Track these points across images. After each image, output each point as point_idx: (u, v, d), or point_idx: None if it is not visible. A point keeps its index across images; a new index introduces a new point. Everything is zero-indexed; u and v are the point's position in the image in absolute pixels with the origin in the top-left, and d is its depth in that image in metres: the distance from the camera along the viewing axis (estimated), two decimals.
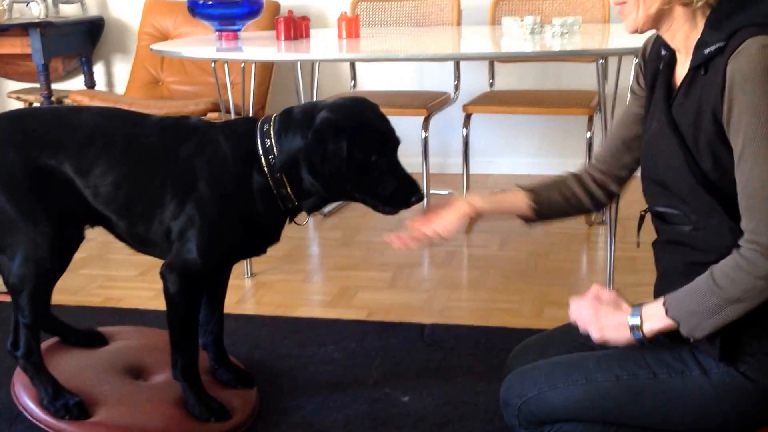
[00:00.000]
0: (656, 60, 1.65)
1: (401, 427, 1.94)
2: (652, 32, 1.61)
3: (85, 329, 2.22)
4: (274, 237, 1.91)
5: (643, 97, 1.72)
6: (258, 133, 1.79)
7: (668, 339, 1.72)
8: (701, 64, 1.48)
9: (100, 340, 2.20)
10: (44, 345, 2.10)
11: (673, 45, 1.57)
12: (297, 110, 1.80)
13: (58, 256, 1.83)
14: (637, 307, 1.59)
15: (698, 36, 1.49)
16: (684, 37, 1.52)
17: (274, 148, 1.76)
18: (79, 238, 1.93)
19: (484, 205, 1.78)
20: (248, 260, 2.98)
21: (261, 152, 1.77)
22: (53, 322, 2.17)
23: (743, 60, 1.40)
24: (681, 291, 1.52)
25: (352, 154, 1.70)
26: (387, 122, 1.81)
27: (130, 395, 1.95)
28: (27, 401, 1.92)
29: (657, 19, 1.52)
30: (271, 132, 1.78)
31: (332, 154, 1.70)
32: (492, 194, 1.82)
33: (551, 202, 1.81)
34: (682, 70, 1.56)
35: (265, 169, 1.77)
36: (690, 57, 1.51)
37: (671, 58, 1.60)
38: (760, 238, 1.42)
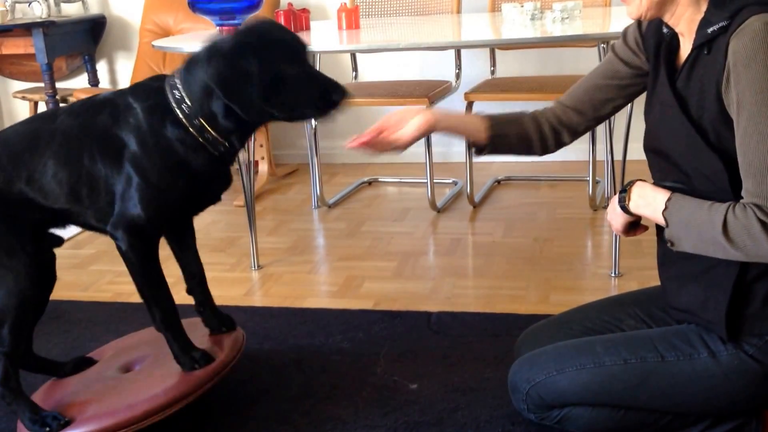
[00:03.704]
0: (656, 36, 1.65)
1: (410, 414, 1.95)
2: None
3: (71, 359, 2.17)
4: (224, 182, 1.89)
5: (623, 60, 1.75)
6: (167, 86, 1.78)
7: (675, 321, 1.73)
8: (704, 43, 1.48)
9: (89, 363, 2.15)
10: (43, 387, 2.09)
11: (677, 29, 1.56)
12: (197, 53, 1.77)
13: (38, 282, 1.85)
14: (631, 182, 1.61)
15: (702, 17, 1.49)
16: (688, 20, 1.52)
17: (185, 98, 1.75)
18: (51, 255, 1.98)
19: (442, 120, 1.75)
20: (255, 253, 3.00)
21: (174, 104, 1.76)
22: (38, 362, 2.12)
23: (746, 38, 1.39)
24: (687, 205, 1.49)
25: (262, 67, 1.68)
26: (288, 31, 1.78)
27: (116, 386, 1.95)
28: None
29: (661, 5, 1.52)
30: (179, 83, 1.77)
31: (244, 72, 1.67)
32: (451, 111, 1.80)
33: (506, 136, 1.80)
34: (685, 51, 1.56)
35: (183, 120, 1.76)
36: (693, 38, 1.51)
37: (674, 37, 1.60)
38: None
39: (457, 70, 3.92)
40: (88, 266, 3.09)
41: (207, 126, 1.76)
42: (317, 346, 2.34)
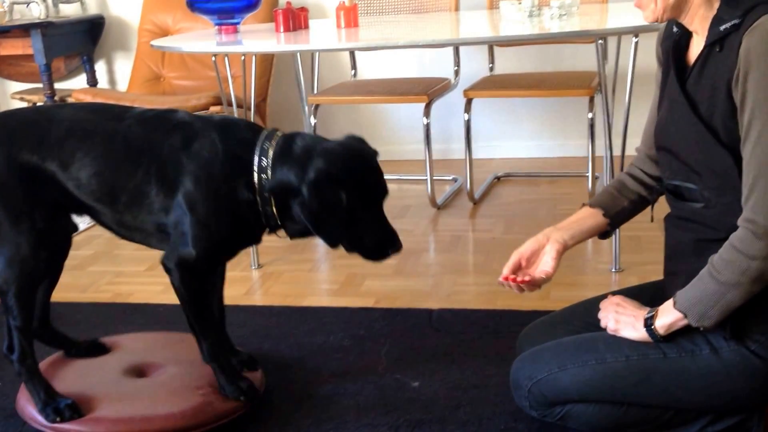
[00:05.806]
0: (669, 38, 1.66)
1: (412, 413, 1.95)
2: None
3: (85, 340, 2.21)
4: (256, 239, 1.94)
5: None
6: (258, 148, 1.79)
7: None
8: (716, 41, 1.48)
9: (102, 349, 2.18)
10: (49, 359, 2.12)
11: (691, 28, 1.57)
12: (299, 143, 1.79)
13: (44, 256, 1.85)
14: (654, 307, 1.62)
15: (714, 15, 1.50)
16: (701, 18, 1.53)
17: (269, 171, 1.77)
18: (69, 233, 1.97)
19: (569, 238, 1.80)
20: (255, 252, 2.99)
21: (255, 168, 1.78)
22: (54, 335, 2.17)
23: (758, 37, 1.40)
24: (688, 288, 1.54)
25: (348, 205, 1.74)
26: (381, 175, 1.83)
27: (133, 391, 1.96)
28: (32, 411, 1.92)
29: (676, 8, 1.53)
30: (270, 153, 1.78)
31: (331, 206, 1.73)
32: (569, 224, 1.83)
33: (622, 212, 1.83)
34: (697, 49, 1.57)
35: (256, 184, 1.78)
36: (706, 35, 1.52)
37: (682, 36, 1.61)
38: (756, 217, 1.43)
39: (455, 68, 3.92)
40: (87, 267, 3.09)
41: (273, 203, 1.78)
42: (318, 344, 2.34)
